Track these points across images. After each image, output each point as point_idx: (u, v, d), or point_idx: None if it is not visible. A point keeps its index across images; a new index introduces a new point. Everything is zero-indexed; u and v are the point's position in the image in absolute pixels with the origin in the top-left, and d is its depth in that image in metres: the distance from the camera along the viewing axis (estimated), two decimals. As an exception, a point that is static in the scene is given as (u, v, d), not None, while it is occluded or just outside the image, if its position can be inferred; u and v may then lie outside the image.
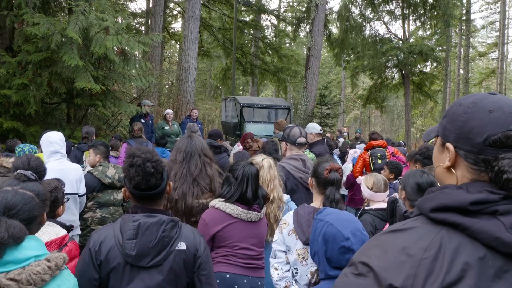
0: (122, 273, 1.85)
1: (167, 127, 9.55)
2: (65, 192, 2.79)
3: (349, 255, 1.74)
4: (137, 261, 1.84)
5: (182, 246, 1.93)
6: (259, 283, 2.75)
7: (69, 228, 2.57)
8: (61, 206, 2.65)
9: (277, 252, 2.61)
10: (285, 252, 2.58)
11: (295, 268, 2.53)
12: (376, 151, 6.27)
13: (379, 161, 6.06)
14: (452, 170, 1.09)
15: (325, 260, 1.81)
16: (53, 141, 3.84)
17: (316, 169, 2.68)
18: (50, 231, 2.38)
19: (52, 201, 2.50)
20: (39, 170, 2.84)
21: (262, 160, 3.23)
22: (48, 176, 3.49)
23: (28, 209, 1.72)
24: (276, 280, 2.57)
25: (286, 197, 3.31)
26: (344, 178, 7.57)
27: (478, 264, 0.92)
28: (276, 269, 2.59)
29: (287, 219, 2.59)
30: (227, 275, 2.65)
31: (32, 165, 2.75)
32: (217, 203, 2.73)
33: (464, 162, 1.06)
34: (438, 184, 1.16)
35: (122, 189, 2.02)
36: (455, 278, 0.91)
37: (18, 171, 2.06)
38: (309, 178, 2.79)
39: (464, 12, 25.45)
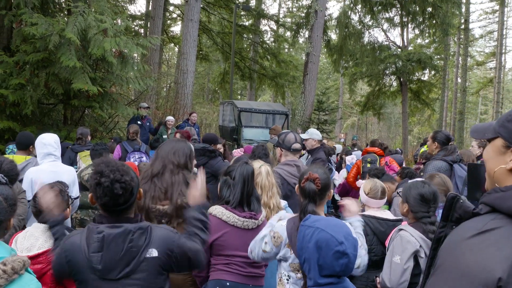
0: (93, 286, 1.82)
1: (165, 136, 9.23)
2: None
3: (343, 260, 1.70)
4: (105, 274, 1.79)
5: (153, 253, 1.86)
6: None
7: None
8: (67, 209, 2.62)
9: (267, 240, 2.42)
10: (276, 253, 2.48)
11: (288, 276, 2.48)
12: (368, 156, 6.47)
13: (368, 165, 6.25)
14: None
15: (317, 267, 1.76)
16: (47, 143, 3.79)
17: (301, 176, 2.44)
18: None
19: None
20: (11, 174, 2.83)
21: (260, 167, 3.11)
22: (40, 178, 3.49)
23: None
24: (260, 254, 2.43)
25: (283, 202, 3.27)
26: (338, 183, 7.60)
27: None
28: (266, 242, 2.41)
29: (281, 233, 2.38)
30: (228, 283, 2.61)
31: (4, 168, 2.72)
32: (214, 209, 2.66)
33: None
34: (496, 184, 1.20)
35: (89, 195, 1.95)
36: None
37: None
38: (296, 186, 2.56)
39: (462, 21, 25.65)
